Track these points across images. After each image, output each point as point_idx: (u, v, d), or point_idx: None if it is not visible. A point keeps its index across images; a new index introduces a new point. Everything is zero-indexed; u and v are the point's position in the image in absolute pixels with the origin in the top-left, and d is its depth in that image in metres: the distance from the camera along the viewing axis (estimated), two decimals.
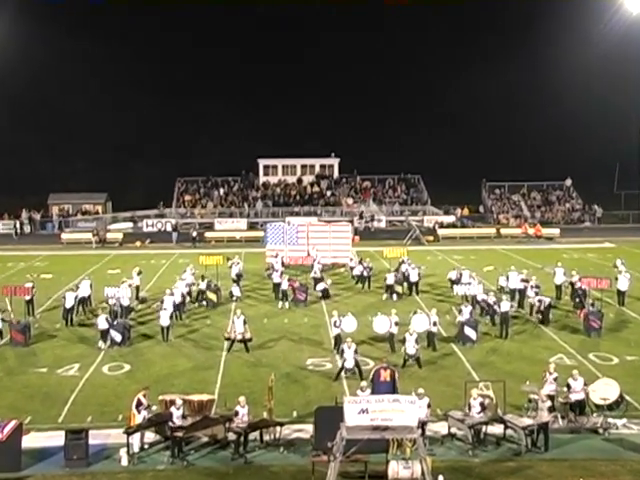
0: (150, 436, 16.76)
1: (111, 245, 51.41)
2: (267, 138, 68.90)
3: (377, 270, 35.14)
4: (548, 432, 16.36)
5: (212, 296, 30.25)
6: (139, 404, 16.71)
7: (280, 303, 30.08)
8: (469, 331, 24.40)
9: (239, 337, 23.31)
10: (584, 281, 28.17)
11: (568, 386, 17.75)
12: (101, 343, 24.19)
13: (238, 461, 15.82)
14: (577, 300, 28.38)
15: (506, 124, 71.86)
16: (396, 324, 23.38)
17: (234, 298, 30.74)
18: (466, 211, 62.93)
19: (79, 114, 68.64)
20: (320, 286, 31.60)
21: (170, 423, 16.28)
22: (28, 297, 27.72)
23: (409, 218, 58.86)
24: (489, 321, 26.49)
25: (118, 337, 24.27)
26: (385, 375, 18.19)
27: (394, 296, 30.96)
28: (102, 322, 24.42)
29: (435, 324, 23.89)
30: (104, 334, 24.33)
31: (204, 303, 30.00)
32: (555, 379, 17.97)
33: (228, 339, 23.53)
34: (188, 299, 29.68)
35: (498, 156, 68.85)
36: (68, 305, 27.18)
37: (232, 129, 70.27)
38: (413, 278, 32.11)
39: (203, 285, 30.42)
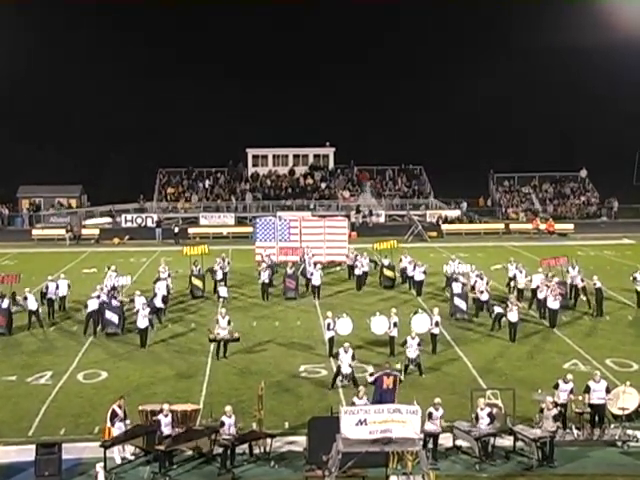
0: (130, 449, 16.72)
1: (87, 242, 51.25)
2: (256, 125, 68.71)
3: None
4: (553, 443, 16.27)
5: (197, 282, 30.55)
6: (114, 415, 16.62)
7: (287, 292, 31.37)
8: (459, 302, 27.04)
9: (227, 337, 23.36)
10: (544, 263, 30.58)
11: (587, 388, 17.63)
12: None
13: (225, 476, 15.79)
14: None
15: (515, 110, 71.82)
16: (395, 325, 23.39)
17: (221, 299, 30.74)
18: (481, 201, 63.52)
19: (51, 99, 68.33)
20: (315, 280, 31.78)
21: (158, 432, 16.23)
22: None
23: (410, 212, 58.88)
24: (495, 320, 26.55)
25: (115, 318, 25.03)
26: (388, 382, 18.18)
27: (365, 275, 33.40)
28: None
29: (437, 324, 23.98)
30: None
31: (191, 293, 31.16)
32: (571, 390, 17.79)
33: (213, 340, 23.56)
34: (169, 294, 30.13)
35: (507, 145, 68.86)
36: (33, 307, 27.18)
37: (218, 115, 70.09)
38: (418, 277, 32.26)
39: (195, 271, 31.36)
